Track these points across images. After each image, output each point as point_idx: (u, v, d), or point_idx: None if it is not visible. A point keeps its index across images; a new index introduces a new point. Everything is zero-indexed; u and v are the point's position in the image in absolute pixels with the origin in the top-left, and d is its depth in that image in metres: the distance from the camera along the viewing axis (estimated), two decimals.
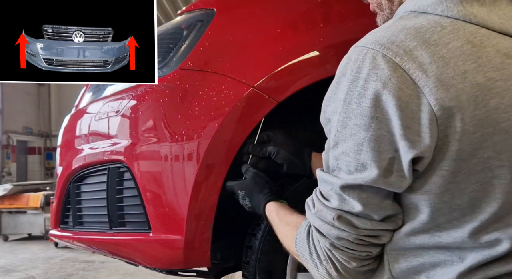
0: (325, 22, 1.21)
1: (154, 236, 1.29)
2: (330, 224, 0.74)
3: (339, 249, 0.75)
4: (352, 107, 0.68)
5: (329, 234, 0.75)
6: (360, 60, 0.68)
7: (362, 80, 0.67)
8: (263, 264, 1.24)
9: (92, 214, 1.53)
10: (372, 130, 0.66)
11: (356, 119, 0.68)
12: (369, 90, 0.66)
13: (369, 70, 0.66)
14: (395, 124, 0.65)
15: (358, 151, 0.69)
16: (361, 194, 0.71)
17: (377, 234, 0.74)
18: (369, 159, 0.68)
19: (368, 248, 0.75)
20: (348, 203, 0.72)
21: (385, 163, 0.67)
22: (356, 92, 0.68)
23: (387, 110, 0.65)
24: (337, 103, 0.71)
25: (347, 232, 0.73)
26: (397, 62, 0.65)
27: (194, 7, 1.36)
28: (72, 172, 1.56)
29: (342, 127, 0.70)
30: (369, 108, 0.66)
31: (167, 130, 1.25)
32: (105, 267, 5.45)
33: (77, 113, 1.68)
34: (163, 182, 1.26)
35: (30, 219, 7.56)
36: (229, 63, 1.22)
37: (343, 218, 0.73)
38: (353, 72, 0.69)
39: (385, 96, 0.64)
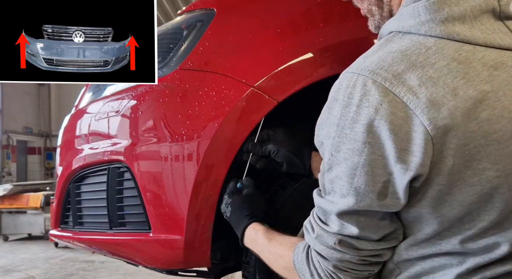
0: (325, 22, 1.21)
1: (154, 236, 1.29)
2: (331, 248, 0.76)
3: (342, 270, 0.77)
4: (345, 132, 0.69)
5: (331, 258, 0.77)
6: (351, 86, 0.69)
7: (354, 106, 0.68)
8: (263, 264, 1.24)
9: (92, 214, 1.53)
10: (365, 155, 0.67)
11: (350, 143, 0.69)
12: (362, 116, 0.67)
13: (360, 96, 0.67)
14: (388, 148, 0.65)
15: (351, 175, 0.70)
16: (359, 218, 0.73)
17: (379, 253, 0.76)
18: (363, 183, 0.69)
19: (370, 267, 0.77)
20: (347, 228, 0.74)
21: (379, 186, 0.68)
22: (349, 118, 0.69)
23: (380, 134, 0.66)
24: (330, 128, 0.72)
25: (349, 254, 0.75)
26: (387, 87, 0.65)
27: (194, 7, 1.36)
28: (72, 172, 1.56)
29: (336, 151, 0.71)
30: (362, 133, 0.67)
31: (167, 130, 1.25)
32: (105, 267, 5.45)
33: (77, 113, 1.68)
34: (163, 182, 1.26)
35: (30, 219, 7.57)
36: (229, 63, 1.22)
37: (344, 242, 0.75)
38: (345, 98, 0.70)
39: (377, 122, 0.65)
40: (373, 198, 0.69)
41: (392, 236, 0.75)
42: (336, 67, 1.16)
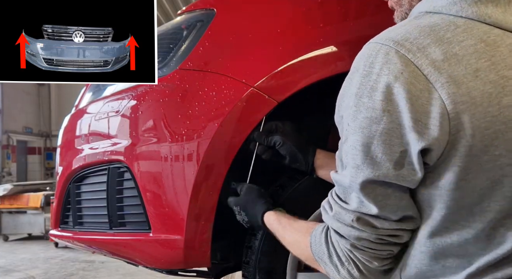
0: (325, 22, 1.21)
1: (154, 236, 1.29)
2: (349, 225, 0.75)
3: (360, 249, 0.76)
4: (363, 100, 0.69)
5: (349, 236, 0.76)
6: (373, 56, 0.69)
7: (374, 75, 0.68)
8: (263, 264, 1.24)
9: (92, 214, 1.53)
10: (384, 123, 0.67)
11: (367, 112, 0.68)
12: (381, 84, 0.66)
13: (381, 64, 0.67)
14: (405, 117, 0.65)
15: (368, 144, 0.69)
16: (377, 197, 0.71)
17: (397, 234, 0.74)
18: (380, 152, 0.68)
19: (388, 246, 0.76)
20: (366, 206, 0.73)
21: (396, 156, 0.67)
22: (368, 86, 0.68)
23: (398, 103, 0.65)
24: (350, 98, 0.72)
25: (367, 232, 0.74)
26: (409, 58, 0.65)
27: (194, 7, 1.36)
28: (72, 172, 1.56)
29: (352, 120, 0.71)
30: (381, 101, 0.66)
31: (167, 130, 1.25)
32: (105, 267, 5.45)
33: (77, 113, 1.68)
34: (163, 182, 1.26)
35: (30, 219, 7.57)
36: (229, 63, 1.22)
37: (362, 220, 0.74)
38: (366, 67, 0.69)
39: (396, 89, 0.65)
40: (389, 167, 0.68)
41: (410, 220, 0.74)
42: (336, 67, 1.16)
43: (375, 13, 1.19)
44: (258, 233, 1.25)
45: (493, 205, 0.67)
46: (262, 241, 1.24)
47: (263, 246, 1.24)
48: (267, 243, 1.23)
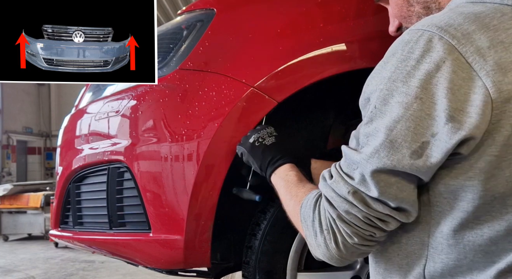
0: (326, 22, 1.21)
1: (154, 236, 1.29)
2: (343, 197, 0.73)
3: (345, 222, 0.74)
4: (397, 85, 0.67)
5: (339, 207, 0.74)
6: (414, 41, 0.68)
7: (413, 60, 0.66)
8: (263, 264, 1.24)
9: (92, 214, 1.53)
10: (413, 110, 0.65)
11: (399, 97, 0.67)
12: (420, 71, 0.65)
13: (423, 51, 0.66)
14: (440, 108, 0.64)
15: (391, 127, 0.67)
16: (380, 182, 0.70)
17: (386, 220, 0.73)
18: (400, 137, 0.66)
19: (373, 229, 0.74)
20: (366, 185, 0.71)
21: (416, 145, 0.66)
22: (404, 71, 0.67)
23: (435, 93, 0.64)
24: (380, 81, 0.70)
25: (358, 208, 0.72)
26: (453, 44, 0.64)
27: (194, 7, 1.36)
28: (72, 172, 1.56)
29: (381, 104, 0.69)
30: (416, 88, 0.65)
31: (167, 130, 1.25)
32: (105, 267, 5.45)
33: (77, 113, 1.68)
34: (163, 182, 1.26)
35: (30, 219, 7.56)
36: (229, 63, 1.22)
37: (358, 195, 0.72)
38: (404, 52, 0.68)
39: (436, 79, 0.64)
40: (405, 155, 0.66)
41: (405, 212, 0.72)
42: (337, 67, 1.16)
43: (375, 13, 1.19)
44: (258, 232, 1.25)
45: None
46: (262, 241, 1.24)
47: (263, 246, 1.24)
48: (267, 243, 1.23)
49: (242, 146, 1.13)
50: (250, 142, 1.10)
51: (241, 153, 1.13)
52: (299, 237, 1.22)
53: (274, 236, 1.23)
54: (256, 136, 1.10)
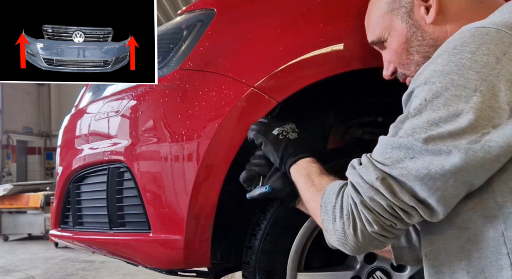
0: (326, 22, 1.21)
1: (154, 236, 1.29)
2: (370, 183, 0.72)
3: (368, 208, 0.73)
4: (452, 77, 0.66)
5: (364, 193, 0.73)
6: (467, 37, 0.67)
7: (468, 53, 0.65)
8: (263, 264, 1.24)
9: (92, 214, 1.53)
10: (472, 103, 0.63)
11: (456, 90, 0.65)
12: (478, 63, 0.64)
13: (479, 44, 0.65)
14: (502, 100, 0.62)
15: (451, 121, 0.65)
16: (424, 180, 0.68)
17: (410, 211, 0.71)
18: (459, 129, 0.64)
19: (395, 219, 0.73)
20: (405, 166, 0.69)
21: (476, 137, 0.64)
22: (459, 64, 0.65)
23: (495, 85, 0.63)
24: (430, 75, 0.69)
25: (383, 196, 0.71)
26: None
27: (194, 7, 1.36)
28: (72, 172, 1.56)
29: (433, 96, 0.67)
30: (475, 81, 0.64)
31: (167, 130, 1.25)
32: (105, 267, 5.45)
33: (77, 113, 1.68)
34: (163, 182, 1.26)
35: (30, 219, 7.57)
36: (229, 63, 1.22)
37: (386, 182, 0.70)
38: (457, 46, 0.67)
39: (497, 71, 0.63)
40: (463, 144, 0.64)
41: (433, 210, 0.70)
42: (337, 67, 1.16)
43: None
44: (258, 232, 1.25)
45: None
46: (262, 241, 1.24)
47: (263, 246, 1.24)
48: (267, 243, 1.23)
49: (263, 136, 1.09)
50: (274, 134, 1.07)
51: (261, 143, 1.09)
52: (299, 237, 1.22)
53: (274, 236, 1.23)
54: (280, 130, 1.08)
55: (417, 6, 0.86)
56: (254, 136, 1.11)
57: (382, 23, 0.93)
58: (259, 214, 1.27)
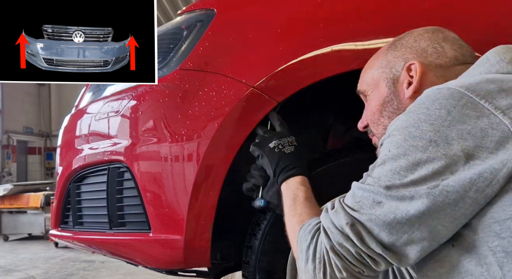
0: (326, 22, 1.21)
1: (154, 236, 1.29)
2: (339, 228, 0.75)
3: (337, 254, 0.76)
4: (409, 130, 0.72)
5: (334, 238, 0.76)
6: (424, 96, 0.74)
7: (423, 109, 0.72)
8: (263, 264, 1.24)
9: (92, 214, 1.53)
10: (429, 152, 0.69)
11: (413, 141, 0.71)
12: (431, 117, 0.70)
13: (432, 101, 0.71)
14: (456, 148, 0.67)
15: (411, 170, 0.70)
16: (391, 226, 0.72)
17: (377, 259, 0.74)
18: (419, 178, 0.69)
19: (362, 266, 0.76)
20: (376, 214, 0.72)
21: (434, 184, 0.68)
22: (416, 118, 0.72)
23: (449, 134, 0.68)
24: (393, 129, 0.75)
25: (352, 242, 0.74)
26: (462, 91, 0.70)
27: (194, 7, 1.36)
28: (72, 172, 1.56)
29: (395, 147, 0.73)
30: (429, 132, 0.69)
31: (167, 130, 1.25)
32: (105, 267, 5.45)
33: (77, 113, 1.68)
34: (163, 182, 1.26)
35: (30, 219, 7.57)
36: (229, 63, 1.22)
37: (355, 228, 0.74)
38: (415, 105, 0.74)
39: (448, 122, 0.68)
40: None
41: (403, 256, 0.73)
42: (337, 67, 1.16)
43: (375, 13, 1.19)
44: (258, 232, 1.25)
45: None
46: (262, 241, 1.24)
47: (263, 246, 1.24)
48: (267, 243, 1.23)
49: (259, 148, 1.13)
50: (270, 147, 1.11)
51: (258, 155, 1.14)
52: None
53: (274, 236, 1.23)
54: (277, 142, 1.11)
55: (403, 78, 0.91)
56: (251, 148, 1.15)
57: (371, 79, 0.98)
58: (259, 214, 1.27)
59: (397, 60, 0.93)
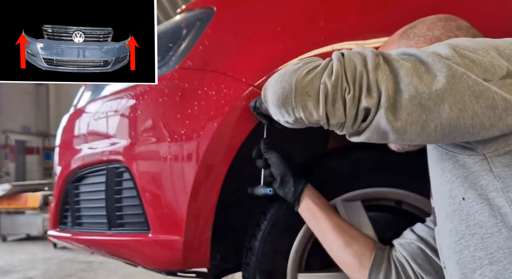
0: (326, 20, 1.21)
1: (153, 236, 1.29)
2: (359, 51, 0.69)
3: (339, 62, 0.69)
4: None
5: (348, 53, 0.70)
6: None
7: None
8: (263, 265, 1.24)
9: (90, 214, 1.52)
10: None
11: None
12: None
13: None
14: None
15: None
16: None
17: (373, 93, 0.65)
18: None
19: (351, 91, 0.66)
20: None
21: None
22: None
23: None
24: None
25: (364, 63, 0.67)
26: None
27: (194, 6, 1.36)
28: (70, 172, 1.56)
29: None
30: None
31: (166, 129, 1.25)
32: (104, 268, 5.44)
33: (76, 112, 1.67)
34: (162, 182, 1.26)
35: (28, 220, 7.55)
36: (229, 62, 1.22)
37: (378, 58, 0.67)
38: None
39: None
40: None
41: (397, 111, 0.65)
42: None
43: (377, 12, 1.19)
44: (258, 233, 1.25)
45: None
46: (262, 242, 1.23)
47: (263, 247, 1.23)
48: (267, 244, 1.23)
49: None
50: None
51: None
52: (299, 238, 1.22)
53: (275, 237, 1.22)
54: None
55: None
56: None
57: None
58: (259, 215, 1.26)
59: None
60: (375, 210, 1.24)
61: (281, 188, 1.15)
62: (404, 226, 1.09)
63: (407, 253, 1.01)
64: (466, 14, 0.94)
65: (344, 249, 1.06)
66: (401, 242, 1.04)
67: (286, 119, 0.77)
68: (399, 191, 1.19)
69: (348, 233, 1.08)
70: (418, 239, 1.01)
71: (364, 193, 1.20)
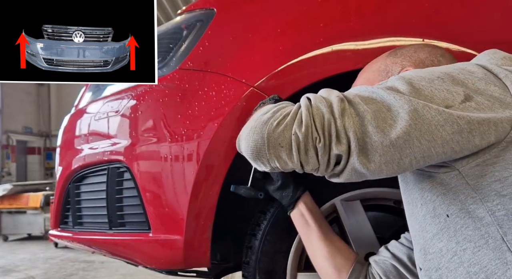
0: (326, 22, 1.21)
1: (153, 236, 1.29)
2: (325, 96, 0.73)
3: (308, 111, 0.71)
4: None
5: (315, 100, 0.73)
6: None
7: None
8: (263, 265, 1.24)
9: (91, 214, 1.52)
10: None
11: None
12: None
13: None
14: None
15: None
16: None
17: (342, 139, 0.69)
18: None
19: (321, 138, 0.70)
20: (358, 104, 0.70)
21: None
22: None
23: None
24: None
25: (331, 111, 0.70)
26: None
27: (194, 7, 1.36)
28: (71, 172, 1.56)
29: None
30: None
31: (167, 130, 1.25)
32: (105, 267, 5.45)
33: (77, 113, 1.68)
34: (163, 182, 1.26)
35: (29, 219, 7.55)
36: (229, 63, 1.22)
37: (343, 103, 0.70)
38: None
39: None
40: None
41: (367, 153, 0.68)
42: (338, 66, 1.16)
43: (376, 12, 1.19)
44: (258, 233, 1.25)
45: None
46: (262, 241, 1.24)
47: (263, 246, 1.23)
48: (267, 243, 1.23)
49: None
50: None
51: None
52: (299, 237, 1.22)
53: (274, 236, 1.23)
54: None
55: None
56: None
57: (366, 81, 0.99)
58: (259, 214, 1.27)
59: (395, 65, 0.94)
60: (374, 210, 1.25)
61: (278, 191, 1.15)
62: (403, 225, 1.09)
63: (381, 271, 1.02)
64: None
65: (327, 259, 1.08)
66: (375, 259, 1.05)
67: (263, 169, 0.79)
68: (398, 191, 1.19)
69: (334, 244, 1.09)
70: (392, 257, 1.02)
71: (363, 193, 1.20)
